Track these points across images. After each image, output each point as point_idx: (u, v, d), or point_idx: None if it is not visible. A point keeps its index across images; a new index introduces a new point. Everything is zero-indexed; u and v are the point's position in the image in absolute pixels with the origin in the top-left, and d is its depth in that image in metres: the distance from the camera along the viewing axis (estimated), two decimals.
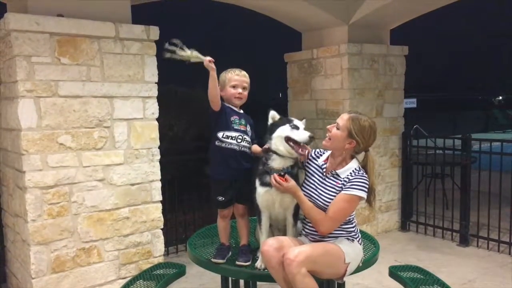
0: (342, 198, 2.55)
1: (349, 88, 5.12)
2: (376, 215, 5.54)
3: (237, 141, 2.74)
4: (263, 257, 2.54)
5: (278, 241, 2.53)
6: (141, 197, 3.82)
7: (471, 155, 5.13)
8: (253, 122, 2.88)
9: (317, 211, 2.58)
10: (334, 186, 2.61)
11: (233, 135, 2.74)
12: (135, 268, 3.80)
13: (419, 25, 7.46)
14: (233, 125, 2.75)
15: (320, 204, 2.61)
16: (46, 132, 3.34)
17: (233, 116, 2.77)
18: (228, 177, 2.76)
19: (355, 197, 2.55)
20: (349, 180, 2.58)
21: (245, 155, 2.75)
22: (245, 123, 2.80)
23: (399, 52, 5.56)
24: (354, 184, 2.56)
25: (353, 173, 2.61)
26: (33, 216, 3.32)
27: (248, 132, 2.80)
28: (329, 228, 2.58)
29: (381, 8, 4.93)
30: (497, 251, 4.88)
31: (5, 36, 3.34)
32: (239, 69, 2.85)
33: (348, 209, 2.58)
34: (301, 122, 2.66)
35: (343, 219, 2.61)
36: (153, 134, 3.85)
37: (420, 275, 3.28)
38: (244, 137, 2.76)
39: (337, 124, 2.66)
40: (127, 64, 3.67)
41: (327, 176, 2.67)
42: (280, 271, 2.47)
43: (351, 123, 2.64)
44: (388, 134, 5.54)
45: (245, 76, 2.82)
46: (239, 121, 2.77)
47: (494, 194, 4.96)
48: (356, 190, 2.55)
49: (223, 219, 2.89)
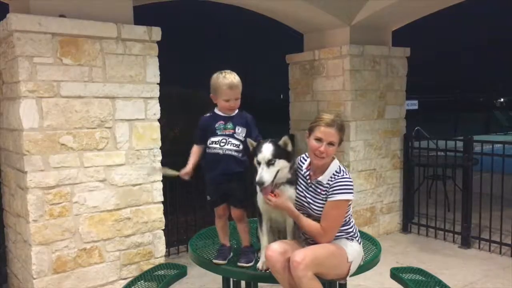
0: (330, 206, 2.58)
1: (351, 90, 5.12)
2: (378, 216, 5.53)
3: (220, 145, 2.75)
4: (267, 262, 2.55)
5: (282, 246, 2.55)
6: (143, 198, 3.81)
7: (473, 157, 5.12)
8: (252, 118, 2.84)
9: (313, 225, 2.60)
10: (319, 193, 2.63)
11: (216, 140, 2.77)
12: (136, 269, 3.80)
13: (421, 26, 7.44)
14: (217, 131, 2.78)
15: (312, 214, 2.65)
16: (47, 133, 3.34)
17: (218, 122, 2.79)
18: (212, 179, 2.81)
19: (341, 201, 2.57)
20: (330, 186, 2.59)
21: (232, 158, 2.73)
22: (233, 126, 2.77)
23: (401, 53, 5.55)
24: (336, 189, 2.58)
25: (333, 177, 2.61)
26: (35, 217, 3.32)
27: (236, 134, 2.76)
28: (329, 238, 2.61)
29: (383, 10, 4.93)
30: (499, 253, 4.87)
31: (8, 37, 3.34)
32: (232, 74, 2.79)
33: (339, 214, 2.61)
34: (270, 150, 2.52)
35: (339, 225, 2.64)
36: (154, 135, 3.85)
37: (421, 277, 3.27)
38: (228, 140, 2.74)
39: (330, 141, 2.57)
40: (129, 65, 3.68)
41: (311, 184, 2.67)
42: (285, 275, 2.49)
43: (341, 134, 2.62)
44: (389, 135, 5.54)
45: (237, 87, 2.77)
46: (224, 126, 2.78)
47: (495, 196, 4.95)
48: (340, 195, 2.56)
49: (219, 219, 2.91)
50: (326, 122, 2.58)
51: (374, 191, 5.45)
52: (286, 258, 2.49)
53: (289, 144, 2.59)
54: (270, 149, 2.53)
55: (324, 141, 2.57)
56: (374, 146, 5.39)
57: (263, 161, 2.52)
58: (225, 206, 2.86)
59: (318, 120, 2.62)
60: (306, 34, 5.76)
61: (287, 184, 2.65)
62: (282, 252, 2.50)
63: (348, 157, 5.16)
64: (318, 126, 2.60)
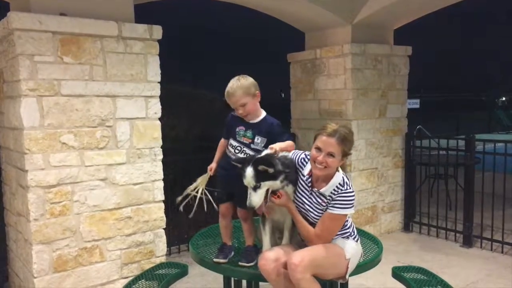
0: (328, 217, 2.56)
1: (352, 89, 5.11)
2: (379, 215, 5.52)
3: (234, 152, 2.75)
4: (262, 272, 2.54)
5: (275, 252, 2.56)
6: (144, 197, 3.81)
7: (475, 155, 5.11)
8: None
9: (308, 229, 2.60)
10: (320, 203, 2.60)
11: (234, 145, 2.76)
12: (137, 268, 3.79)
13: (423, 25, 7.42)
14: (237, 136, 2.76)
15: (309, 219, 2.64)
16: (48, 131, 3.34)
17: (239, 127, 2.77)
18: (221, 176, 2.83)
19: (340, 215, 2.56)
20: (332, 198, 2.56)
21: None
22: (252, 136, 2.73)
23: (402, 52, 5.54)
24: (337, 202, 2.55)
25: (336, 190, 2.56)
26: (35, 215, 3.31)
27: (254, 144, 2.72)
28: (320, 244, 2.59)
29: (385, 8, 4.92)
30: (501, 253, 4.86)
31: (8, 35, 3.33)
32: (233, 80, 2.73)
33: (334, 226, 2.60)
34: (252, 176, 2.43)
35: (333, 235, 2.63)
36: (155, 134, 3.84)
37: (423, 276, 3.26)
38: (243, 149, 2.72)
39: (329, 152, 2.50)
40: (130, 64, 3.67)
41: (313, 193, 2.63)
42: (281, 281, 2.49)
43: (343, 146, 2.52)
44: (391, 134, 5.53)
45: (232, 96, 2.68)
46: (243, 133, 2.76)
47: (498, 195, 4.94)
48: (340, 209, 2.54)
49: (223, 218, 2.89)
50: (328, 132, 2.51)
51: (376, 190, 5.44)
52: (281, 263, 2.49)
53: (268, 169, 2.46)
54: (252, 174, 2.44)
55: (323, 151, 2.50)
56: (375, 145, 5.37)
57: (249, 186, 2.47)
58: (229, 205, 2.85)
59: (322, 129, 2.56)
60: (307, 32, 5.74)
61: (289, 183, 2.63)
62: (275, 259, 2.50)
63: (350, 156, 5.14)
64: (320, 135, 2.54)
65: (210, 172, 2.87)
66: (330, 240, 2.62)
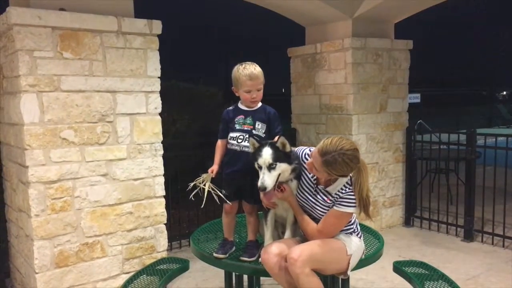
0: (333, 214, 2.55)
1: (353, 83, 5.09)
2: (380, 210, 5.52)
3: (237, 141, 2.73)
4: (264, 265, 2.54)
5: (277, 246, 2.55)
6: (145, 192, 3.81)
7: (476, 150, 5.10)
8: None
9: (310, 224, 2.59)
10: (325, 200, 2.59)
11: (234, 136, 2.74)
12: (138, 263, 3.80)
13: (423, 19, 7.40)
14: (236, 125, 2.74)
15: (313, 216, 2.63)
16: (48, 127, 3.33)
17: (238, 116, 2.75)
18: (227, 174, 2.79)
19: (346, 213, 2.55)
20: (339, 196, 2.55)
21: (247, 155, 2.67)
22: (252, 122, 2.72)
23: (403, 46, 5.52)
24: (345, 200, 2.54)
25: (344, 188, 2.56)
26: (36, 211, 3.31)
27: (255, 130, 2.71)
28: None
29: (386, 2, 4.89)
30: (502, 247, 4.86)
31: (7, 30, 3.32)
32: (252, 65, 2.73)
33: (338, 224, 2.59)
34: (270, 154, 2.47)
35: (334, 233, 2.62)
36: (156, 129, 3.83)
37: (424, 270, 3.27)
38: (246, 136, 2.70)
39: (315, 166, 2.48)
40: (130, 59, 3.66)
41: (318, 190, 2.62)
42: (283, 275, 2.48)
43: (325, 168, 2.44)
44: (392, 129, 5.51)
45: (257, 78, 2.70)
46: (243, 120, 2.74)
47: (499, 189, 4.94)
48: (346, 208, 2.54)
49: (226, 215, 2.88)
50: (319, 147, 2.47)
51: (377, 185, 5.43)
52: (282, 257, 2.48)
53: (286, 144, 2.53)
54: (270, 152, 2.48)
55: (313, 164, 2.48)
56: (376, 139, 5.37)
57: (264, 165, 2.48)
58: (234, 204, 2.83)
59: (321, 144, 2.50)
60: (307, 27, 5.72)
61: (294, 179, 2.65)
62: (277, 253, 2.50)
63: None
64: (316, 149, 2.48)
65: (211, 174, 2.81)
66: (332, 236, 2.61)
